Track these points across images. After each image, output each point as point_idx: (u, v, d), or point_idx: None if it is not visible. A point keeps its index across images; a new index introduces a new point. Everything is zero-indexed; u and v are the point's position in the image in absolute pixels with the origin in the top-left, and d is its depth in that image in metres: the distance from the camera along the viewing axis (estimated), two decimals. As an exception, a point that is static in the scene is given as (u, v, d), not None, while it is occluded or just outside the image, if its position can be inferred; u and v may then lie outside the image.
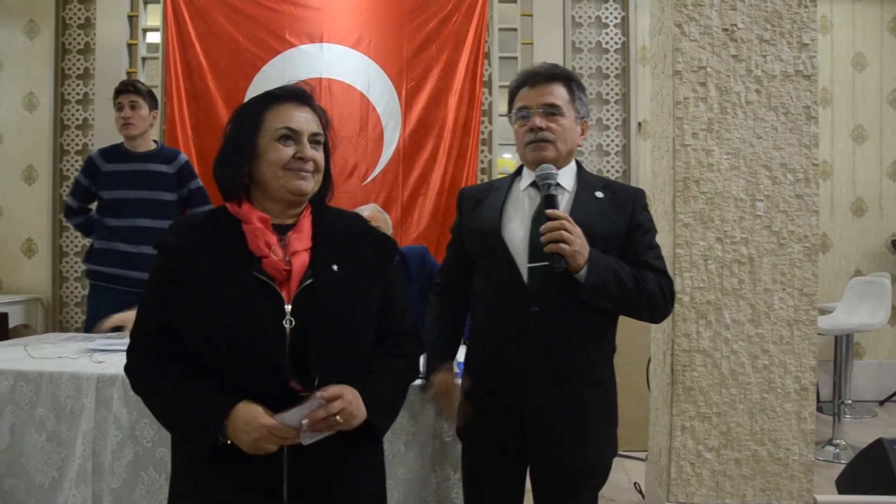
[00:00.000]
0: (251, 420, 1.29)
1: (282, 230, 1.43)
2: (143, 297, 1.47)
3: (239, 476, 1.34)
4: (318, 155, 1.44)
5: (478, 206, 1.83)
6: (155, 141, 3.36)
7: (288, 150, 1.41)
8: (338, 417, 1.30)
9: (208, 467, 1.35)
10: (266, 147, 1.41)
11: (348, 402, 1.32)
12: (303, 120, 1.43)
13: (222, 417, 1.30)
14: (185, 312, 1.37)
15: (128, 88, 3.21)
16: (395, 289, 1.55)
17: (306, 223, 1.46)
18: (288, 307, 1.37)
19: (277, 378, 1.33)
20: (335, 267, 1.42)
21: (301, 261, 1.40)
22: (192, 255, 1.39)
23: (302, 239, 1.43)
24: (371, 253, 1.50)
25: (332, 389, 1.31)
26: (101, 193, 3.23)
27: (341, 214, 1.56)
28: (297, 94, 1.46)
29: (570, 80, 1.80)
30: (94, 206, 3.36)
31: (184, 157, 3.33)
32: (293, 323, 1.36)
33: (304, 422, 1.29)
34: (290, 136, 1.41)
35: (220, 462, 1.32)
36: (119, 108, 3.20)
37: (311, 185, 1.43)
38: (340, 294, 1.40)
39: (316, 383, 1.33)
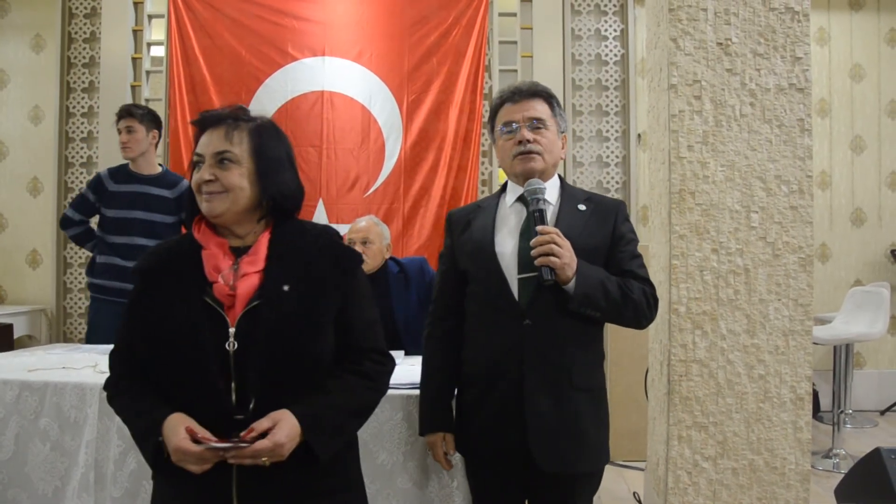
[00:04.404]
0: (169, 440, 1.31)
1: (241, 252, 1.45)
2: (121, 318, 1.51)
3: (188, 489, 1.35)
4: (224, 173, 1.42)
5: (468, 226, 1.87)
6: (161, 164, 3.50)
7: (195, 176, 1.44)
8: (264, 459, 1.31)
9: (162, 479, 1.40)
10: None
11: (276, 445, 1.30)
12: (206, 142, 1.44)
13: (157, 430, 1.33)
14: (140, 333, 1.42)
15: (122, 114, 3.36)
16: (358, 303, 1.51)
17: (262, 244, 1.46)
18: (231, 330, 1.37)
19: (217, 401, 1.35)
20: (286, 287, 1.41)
21: (248, 284, 1.40)
22: (155, 278, 1.44)
23: (255, 261, 1.43)
24: (331, 269, 1.47)
25: (264, 424, 1.31)
26: (105, 211, 3.37)
27: (306, 229, 1.53)
28: (213, 118, 1.46)
29: (550, 97, 1.87)
30: (92, 220, 3.49)
31: (186, 182, 3.38)
32: (236, 346, 1.37)
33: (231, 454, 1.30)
34: (198, 161, 1.44)
35: (172, 474, 1.35)
36: (118, 132, 3.36)
37: (217, 206, 1.42)
38: (286, 315, 1.39)
39: (251, 406, 1.34)
